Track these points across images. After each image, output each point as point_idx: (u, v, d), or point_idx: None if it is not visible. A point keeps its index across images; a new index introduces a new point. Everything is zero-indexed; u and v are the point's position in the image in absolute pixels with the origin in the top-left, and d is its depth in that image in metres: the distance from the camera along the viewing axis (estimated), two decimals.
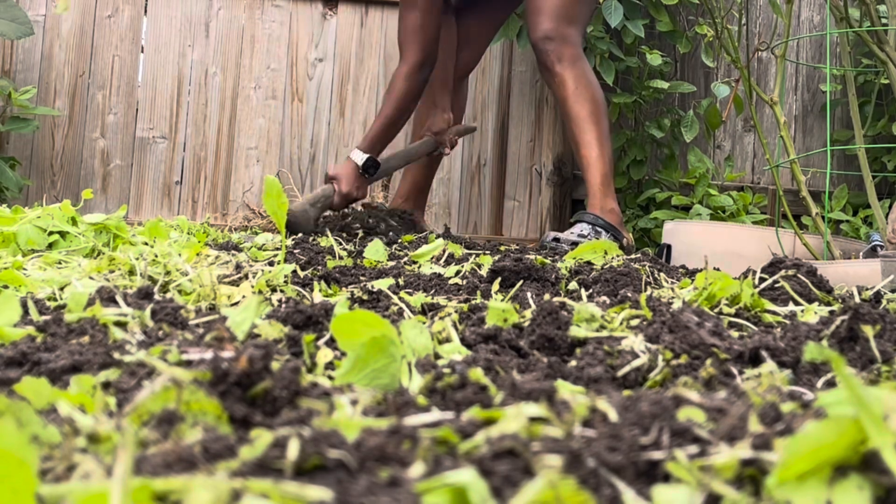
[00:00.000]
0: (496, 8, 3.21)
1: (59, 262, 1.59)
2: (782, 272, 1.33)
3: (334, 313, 0.98)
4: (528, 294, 1.31)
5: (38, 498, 0.42)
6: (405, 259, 1.93)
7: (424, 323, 1.06)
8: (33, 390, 0.65)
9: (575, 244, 2.41)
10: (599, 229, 2.66)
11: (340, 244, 2.17)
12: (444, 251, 1.95)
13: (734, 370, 0.85)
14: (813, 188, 3.20)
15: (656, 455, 0.50)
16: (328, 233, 2.39)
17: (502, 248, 2.47)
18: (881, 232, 2.22)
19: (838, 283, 1.62)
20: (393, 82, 2.94)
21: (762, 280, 1.34)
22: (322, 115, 3.87)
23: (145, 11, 3.79)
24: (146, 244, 1.88)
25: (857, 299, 1.38)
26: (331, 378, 0.79)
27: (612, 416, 0.56)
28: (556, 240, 2.55)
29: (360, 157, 2.88)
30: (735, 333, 1.03)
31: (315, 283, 1.43)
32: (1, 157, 3.41)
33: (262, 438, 0.50)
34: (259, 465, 0.47)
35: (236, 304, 1.19)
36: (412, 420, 0.56)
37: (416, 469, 0.47)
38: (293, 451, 0.48)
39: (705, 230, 2.74)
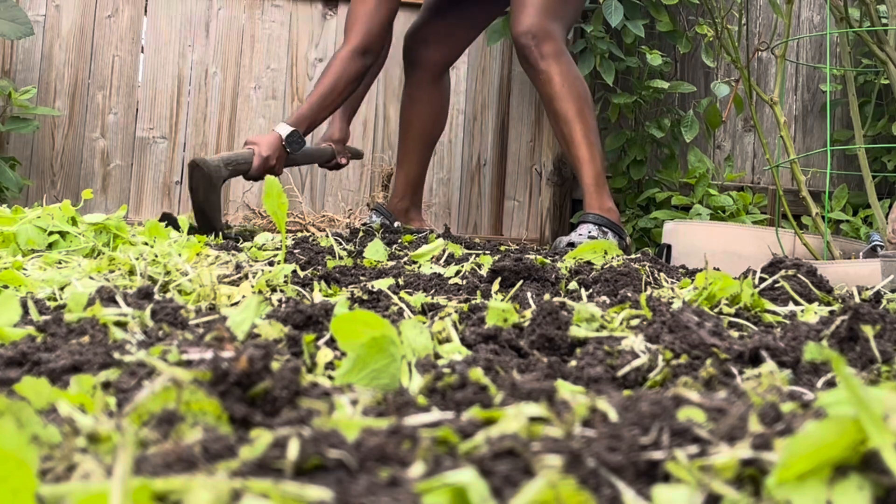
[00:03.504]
0: (476, 9, 3.21)
1: (59, 262, 1.59)
2: (782, 272, 1.33)
3: (334, 313, 0.98)
4: (528, 294, 1.30)
5: (38, 498, 0.42)
6: (405, 259, 1.93)
7: (424, 323, 1.06)
8: (33, 390, 0.65)
9: None
10: (605, 229, 2.66)
11: (340, 244, 2.17)
12: (444, 251, 1.95)
13: (734, 370, 0.85)
14: (813, 188, 3.20)
15: (656, 455, 0.50)
16: (327, 232, 2.39)
17: (502, 248, 2.47)
18: (881, 232, 2.22)
19: (838, 283, 1.61)
20: (331, 63, 2.84)
21: (762, 280, 1.34)
22: None
23: (145, 11, 3.79)
24: (146, 244, 1.88)
25: (857, 299, 1.38)
26: (331, 378, 0.79)
27: (612, 416, 0.56)
28: (571, 244, 2.52)
29: (285, 130, 2.71)
30: (735, 333, 1.03)
31: (315, 283, 1.43)
32: (1, 157, 3.41)
33: (262, 438, 0.50)
34: (259, 465, 0.47)
35: (236, 304, 1.19)
36: (412, 420, 0.56)
37: (416, 469, 0.47)
38: (293, 451, 0.48)
39: (705, 230, 2.74)
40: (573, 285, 1.48)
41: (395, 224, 3.06)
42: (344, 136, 3.12)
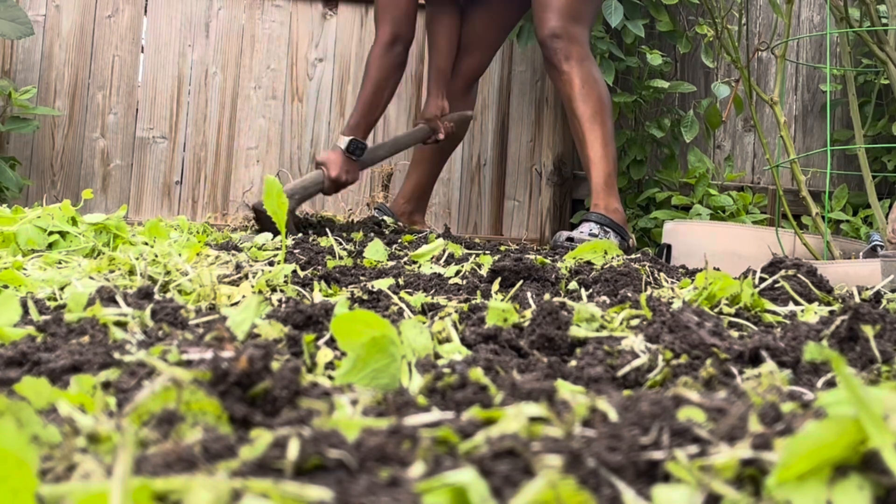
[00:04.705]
0: (502, 12, 3.21)
1: (59, 262, 1.59)
2: (782, 272, 1.33)
3: (334, 313, 0.98)
4: (528, 294, 1.30)
5: (38, 498, 0.42)
6: (405, 259, 1.93)
7: (424, 323, 1.06)
8: (33, 390, 0.65)
9: None
10: (607, 228, 2.66)
11: (340, 244, 2.17)
12: (444, 251, 1.95)
13: (734, 370, 0.85)
14: (813, 188, 3.20)
15: (656, 455, 0.49)
16: (328, 232, 2.39)
17: (502, 248, 2.47)
18: (881, 232, 2.22)
19: (838, 283, 1.61)
20: (367, 63, 2.93)
21: (762, 280, 1.34)
22: (322, 115, 3.87)
23: (145, 11, 3.79)
24: (146, 244, 1.88)
25: (857, 299, 1.38)
26: (331, 378, 0.79)
27: (612, 416, 0.56)
28: (571, 240, 2.54)
29: (343, 142, 2.87)
30: (735, 333, 1.02)
31: (315, 283, 1.43)
32: (1, 157, 3.41)
33: (262, 438, 0.50)
34: (259, 465, 0.47)
35: (236, 304, 1.19)
36: (412, 420, 0.56)
37: (416, 469, 0.47)
38: (293, 451, 0.48)
39: (705, 230, 2.74)
40: (573, 285, 1.48)
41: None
42: (434, 111, 3.09)
